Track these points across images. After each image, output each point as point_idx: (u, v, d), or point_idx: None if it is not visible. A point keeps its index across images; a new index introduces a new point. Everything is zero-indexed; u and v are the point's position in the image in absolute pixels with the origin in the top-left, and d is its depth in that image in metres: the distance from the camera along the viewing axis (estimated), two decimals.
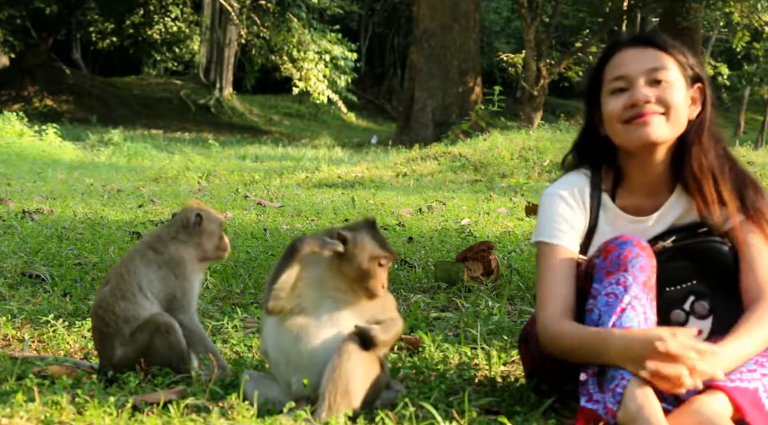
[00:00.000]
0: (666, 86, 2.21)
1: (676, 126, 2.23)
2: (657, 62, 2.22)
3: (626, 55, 2.26)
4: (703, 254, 2.20)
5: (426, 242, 5.42)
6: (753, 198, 2.23)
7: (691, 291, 2.18)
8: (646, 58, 2.23)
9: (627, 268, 2.05)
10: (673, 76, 2.22)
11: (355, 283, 2.08)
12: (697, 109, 2.28)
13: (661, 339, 1.89)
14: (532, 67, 19.74)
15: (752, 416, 1.91)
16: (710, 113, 2.29)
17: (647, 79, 2.21)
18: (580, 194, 2.33)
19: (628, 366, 1.93)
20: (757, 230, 2.20)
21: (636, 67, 2.23)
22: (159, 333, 2.38)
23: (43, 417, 1.97)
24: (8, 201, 6.96)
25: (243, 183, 10.51)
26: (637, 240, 2.11)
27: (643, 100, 2.20)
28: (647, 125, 2.20)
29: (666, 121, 2.21)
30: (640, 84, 2.21)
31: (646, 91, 2.20)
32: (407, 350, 2.76)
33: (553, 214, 2.31)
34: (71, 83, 29.68)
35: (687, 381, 1.88)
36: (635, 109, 2.20)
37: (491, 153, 11.77)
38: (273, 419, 1.99)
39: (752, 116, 34.65)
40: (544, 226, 2.31)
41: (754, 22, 19.68)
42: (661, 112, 2.20)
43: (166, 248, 2.48)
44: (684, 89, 2.24)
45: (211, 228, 2.53)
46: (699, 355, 1.89)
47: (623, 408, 1.89)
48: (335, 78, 24.79)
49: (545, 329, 2.17)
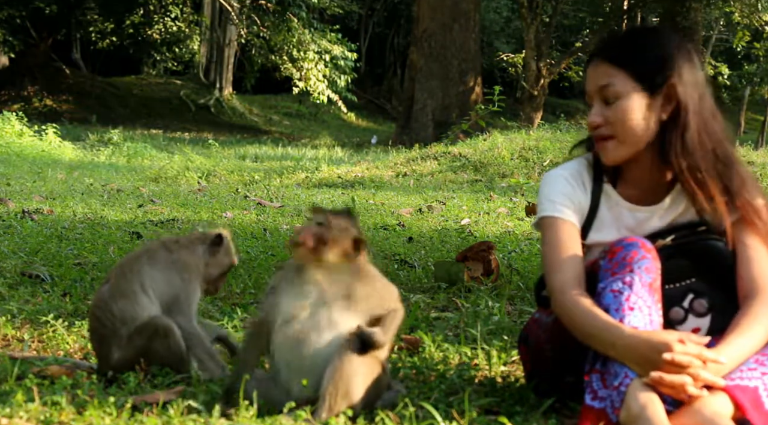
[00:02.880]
0: (616, 105, 2.21)
1: (632, 144, 2.22)
2: (604, 79, 2.22)
3: (588, 71, 2.29)
4: (702, 252, 2.20)
5: (426, 242, 5.42)
6: (745, 197, 2.21)
7: (690, 289, 2.17)
8: (597, 74, 2.24)
9: (633, 269, 2.05)
10: (621, 89, 2.20)
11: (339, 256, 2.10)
12: (671, 107, 2.20)
13: (669, 347, 1.89)
14: (532, 67, 19.74)
15: (752, 414, 1.92)
16: (691, 109, 2.20)
17: (600, 98, 2.23)
18: (581, 177, 2.34)
19: (632, 366, 1.93)
20: (750, 229, 2.20)
21: (591, 86, 2.26)
22: (158, 336, 2.35)
23: (43, 417, 1.97)
24: (8, 201, 6.96)
25: (243, 183, 10.51)
26: (642, 242, 2.10)
27: (593, 125, 2.24)
28: (602, 149, 2.26)
29: (617, 143, 2.23)
30: (594, 106, 2.25)
31: (595, 115, 2.24)
32: (407, 350, 2.76)
33: (555, 191, 2.31)
34: (71, 83, 29.68)
35: (691, 390, 1.89)
36: (594, 131, 2.26)
37: (491, 153, 11.77)
38: (273, 419, 1.98)
39: (752, 115, 34.66)
40: (545, 203, 2.30)
41: (755, 21, 19.69)
42: (609, 135, 2.22)
43: (179, 250, 2.48)
44: (638, 98, 2.19)
45: (222, 260, 2.54)
46: (704, 364, 1.90)
47: (626, 407, 1.89)
48: (335, 78, 24.78)
49: (561, 293, 2.12)
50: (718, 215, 2.20)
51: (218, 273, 2.57)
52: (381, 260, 4.64)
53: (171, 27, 31.54)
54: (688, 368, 1.88)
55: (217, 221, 6.33)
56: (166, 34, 31.83)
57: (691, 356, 1.89)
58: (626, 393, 1.90)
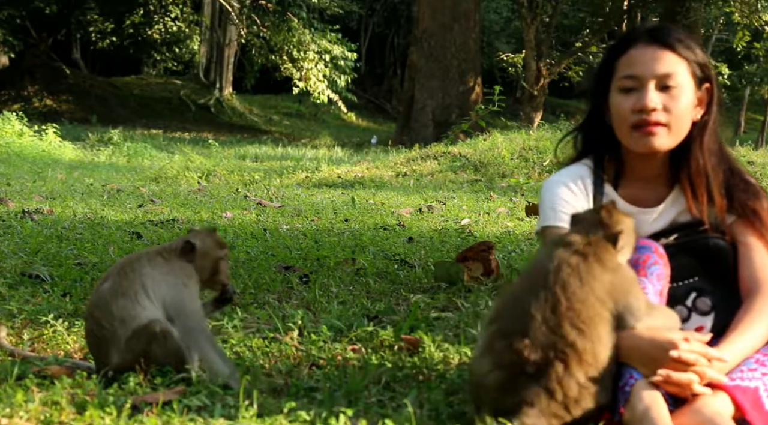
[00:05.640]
0: (675, 94, 2.21)
1: (679, 135, 2.25)
2: (669, 67, 2.21)
3: (640, 54, 2.23)
4: (705, 251, 2.21)
5: (426, 242, 5.42)
6: (743, 197, 2.24)
7: (693, 288, 2.19)
8: (659, 60, 2.21)
9: (646, 274, 2.07)
10: (682, 81, 2.22)
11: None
12: (702, 110, 2.29)
13: (675, 346, 1.90)
14: (532, 67, 19.73)
15: (752, 415, 1.92)
16: (715, 114, 2.28)
17: (657, 84, 2.21)
18: (582, 182, 2.33)
19: (637, 366, 1.93)
20: (749, 229, 2.21)
21: (648, 69, 2.21)
22: (156, 340, 2.32)
23: (43, 417, 1.97)
24: (8, 201, 6.96)
25: (243, 183, 10.50)
26: (655, 246, 2.11)
27: (651, 107, 2.19)
28: (652, 135, 2.21)
29: (669, 132, 2.22)
30: (650, 89, 2.20)
31: (654, 98, 2.19)
32: (407, 350, 2.76)
33: (556, 200, 2.30)
34: (71, 83, 29.68)
35: (697, 388, 1.89)
36: (642, 115, 2.20)
37: (491, 153, 11.77)
38: (273, 419, 1.98)
39: (752, 115, 34.67)
40: (547, 212, 2.30)
41: (755, 21, 19.67)
42: (665, 122, 2.21)
43: (174, 259, 2.46)
44: (692, 92, 2.25)
45: (202, 262, 2.48)
46: (709, 362, 1.91)
47: (630, 408, 1.89)
48: (335, 78, 24.77)
49: None
50: (720, 214, 2.22)
51: (210, 270, 2.51)
52: (381, 260, 4.64)
53: (171, 27, 31.55)
54: (694, 365, 1.89)
55: (217, 221, 6.33)
56: (166, 34, 31.84)
57: (696, 353, 1.90)
58: (631, 394, 1.90)
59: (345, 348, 2.75)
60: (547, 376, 1.84)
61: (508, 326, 1.91)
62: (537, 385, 1.84)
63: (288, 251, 4.84)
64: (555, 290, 1.91)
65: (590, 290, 1.92)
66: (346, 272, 4.20)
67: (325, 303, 3.49)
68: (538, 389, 1.84)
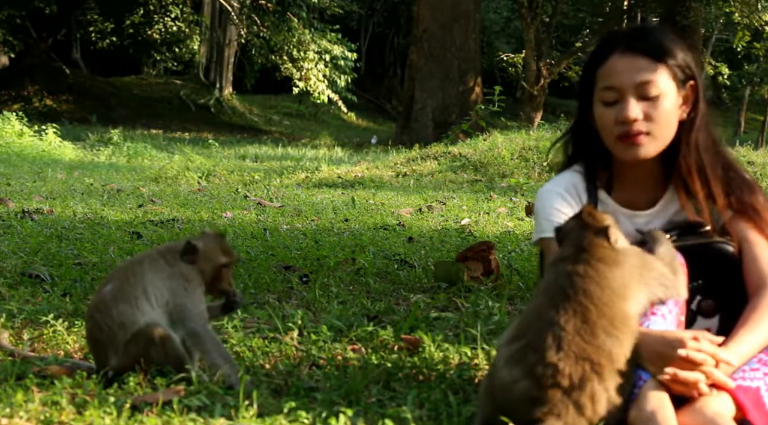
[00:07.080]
0: (656, 102, 2.19)
1: (664, 139, 2.24)
2: (647, 76, 2.18)
3: (618, 64, 2.21)
4: (709, 254, 2.20)
5: (426, 242, 5.41)
6: (741, 194, 2.24)
7: (698, 291, 2.18)
8: (636, 69, 2.19)
9: None
10: (664, 86, 2.20)
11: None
12: (688, 108, 2.27)
13: (683, 344, 1.90)
14: (532, 67, 19.74)
15: (754, 415, 1.92)
16: (702, 111, 2.27)
17: (637, 94, 2.19)
18: (576, 190, 2.33)
19: (645, 364, 1.93)
20: (750, 225, 2.21)
21: (626, 80, 2.19)
22: (154, 345, 2.31)
23: (43, 417, 1.96)
24: (8, 201, 6.96)
25: (243, 183, 10.50)
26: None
27: (632, 118, 2.18)
28: (636, 145, 2.21)
29: (652, 139, 2.22)
30: (630, 100, 2.18)
31: (635, 109, 2.18)
32: (407, 350, 2.76)
33: (550, 210, 2.30)
34: (71, 83, 29.68)
35: (704, 388, 1.89)
36: (624, 126, 2.20)
37: (491, 153, 11.76)
38: (273, 419, 1.98)
39: (752, 115, 34.65)
40: (543, 223, 2.30)
41: (755, 21, 19.66)
42: (647, 131, 2.20)
43: (177, 262, 2.45)
44: (675, 95, 2.23)
45: (204, 265, 2.46)
46: (716, 363, 1.91)
47: (636, 409, 1.88)
48: (335, 78, 24.78)
49: None
50: (722, 212, 2.21)
51: (211, 275, 2.48)
52: (381, 260, 4.64)
53: (171, 27, 31.56)
54: (701, 365, 1.89)
55: (217, 221, 6.33)
56: (166, 34, 31.85)
57: (705, 353, 1.90)
58: (638, 395, 1.90)
59: (345, 348, 2.75)
60: (580, 390, 1.83)
61: (538, 341, 1.89)
62: (567, 398, 1.83)
63: (288, 251, 4.84)
64: (580, 299, 1.90)
65: (611, 291, 1.92)
66: (346, 272, 4.19)
67: (325, 303, 3.49)
68: (567, 401, 1.83)
